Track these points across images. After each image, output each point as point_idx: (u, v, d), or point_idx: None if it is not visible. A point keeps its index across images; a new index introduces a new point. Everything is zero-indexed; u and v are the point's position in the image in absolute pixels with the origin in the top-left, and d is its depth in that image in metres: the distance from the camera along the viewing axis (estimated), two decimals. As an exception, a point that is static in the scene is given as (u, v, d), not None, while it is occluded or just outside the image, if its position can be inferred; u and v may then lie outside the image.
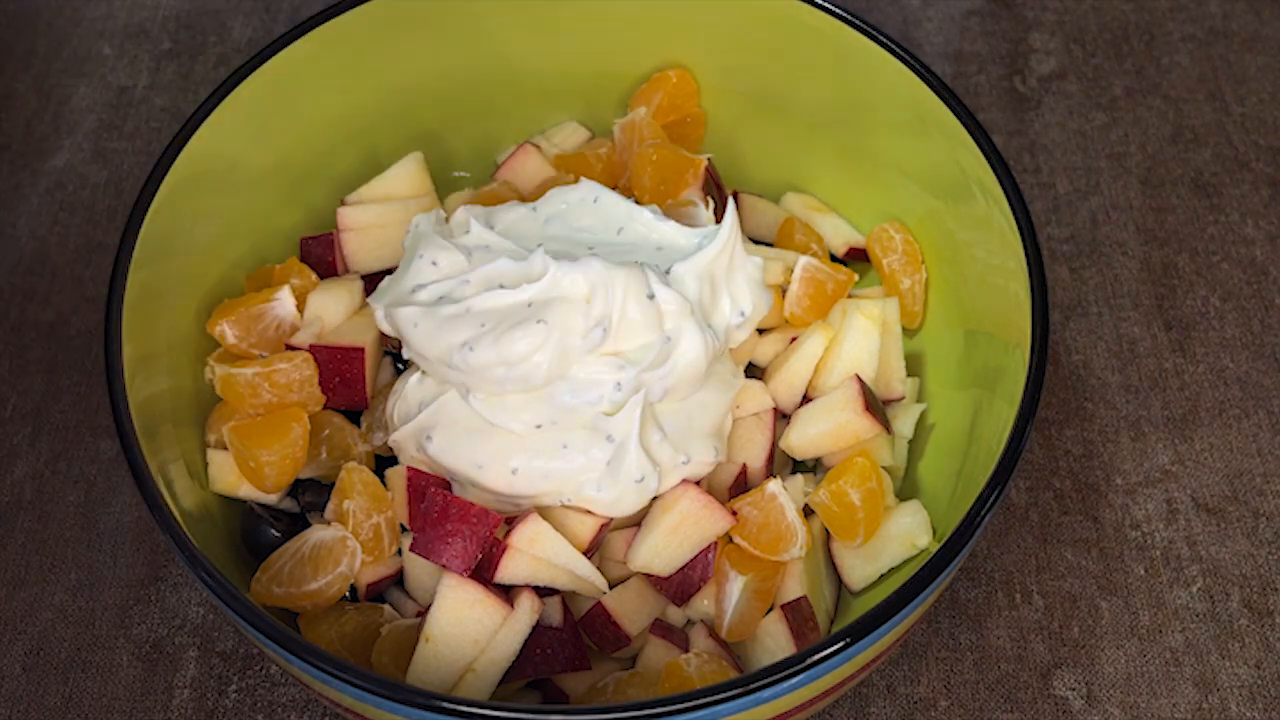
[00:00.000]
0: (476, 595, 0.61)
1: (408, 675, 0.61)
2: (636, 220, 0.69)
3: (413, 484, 0.65)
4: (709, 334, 0.64)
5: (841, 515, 0.65)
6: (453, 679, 0.60)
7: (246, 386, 0.66)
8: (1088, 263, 0.85)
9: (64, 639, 0.71)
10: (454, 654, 0.60)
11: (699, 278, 0.65)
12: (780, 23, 0.72)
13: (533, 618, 0.61)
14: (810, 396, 0.70)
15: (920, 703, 0.69)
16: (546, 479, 0.63)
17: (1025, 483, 0.77)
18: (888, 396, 0.71)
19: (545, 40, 0.77)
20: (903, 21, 0.97)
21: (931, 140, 0.69)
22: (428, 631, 0.61)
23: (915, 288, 0.73)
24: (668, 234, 0.68)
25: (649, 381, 0.64)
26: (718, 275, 0.66)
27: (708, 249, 0.66)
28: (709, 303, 0.66)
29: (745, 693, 0.52)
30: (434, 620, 0.61)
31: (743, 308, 0.67)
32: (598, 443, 0.63)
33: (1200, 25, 0.97)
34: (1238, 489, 0.76)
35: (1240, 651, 0.71)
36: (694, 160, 0.73)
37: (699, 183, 0.73)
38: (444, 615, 0.61)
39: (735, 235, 0.66)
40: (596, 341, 0.63)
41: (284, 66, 0.70)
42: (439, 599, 0.61)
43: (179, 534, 0.56)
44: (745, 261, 0.67)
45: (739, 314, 0.67)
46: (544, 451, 0.63)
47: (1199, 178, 0.89)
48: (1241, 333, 0.82)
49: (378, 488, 0.65)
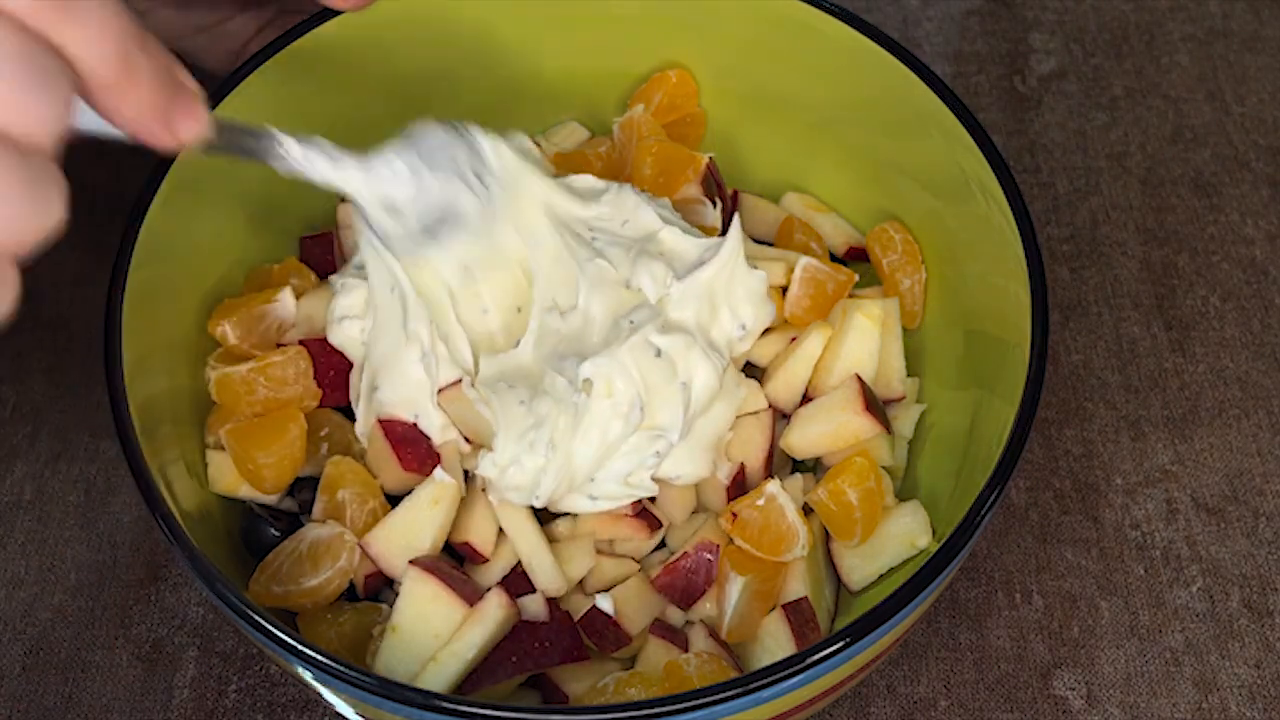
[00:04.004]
0: (437, 590, 0.61)
1: (375, 663, 0.61)
2: (644, 216, 0.68)
3: (389, 433, 0.65)
4: (715, 356, 0.64)
5: (839, 514, 0.65)
6: (416, 668, 0.61)
7: (242, 384, 0.66)
8: (1088, 263, 0.85)
9: (64, 639, 0.71)
10: (417, 645, 0.61)
11: (699, 297, 0.65)
12: (780, 23, 0.72)
13: (501, 613, 0.61)
14: (810, 396, 0.70)
15: (920, 703, 0.69)
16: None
17: (1025, 483, 0.77)
18: (888, 396, 0.71)
19: (545, 40, 0.77)
20: (903, 21, 0.97)
21: (931, 140, 0.69)
22: (394, 621, 0.61)
23: (915, 288, 0.73)
24: (673, 239, 0.67)
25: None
26: (718, 290, 0.66)
27: (710, 266, 0.65)
28: (708, 319, 0.65)
29: (745, 692, 0.52)
30: (399, 610, 0.62)
31: (743, 320, 0.67)
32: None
33: (1200, 25, 0.97)
34: (1238, 489, 0.76)
35: (1240, 651, 0.71)
36: (695, 156, 0.73)
37: (699, 179, 0.73)
38: (408, 607, 0.61)
39: (739, 251, 0.66)
40: (637, 421, 0.63)
41: (284, 65, 0.70)
42: (403, 591, 0.62)
43: (179, 534, 0.56)
44: (747, 275, 0.67)
45: (739, 327, 0.66)
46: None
47: (1199, 177, 0.89)
48: (1241, 333, 0.82)
49: (365, 474, 0.65)
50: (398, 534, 0.64)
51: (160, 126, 0.46)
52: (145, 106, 0.45)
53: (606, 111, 0.80)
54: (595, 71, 0.78)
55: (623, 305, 0.65)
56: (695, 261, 0.66)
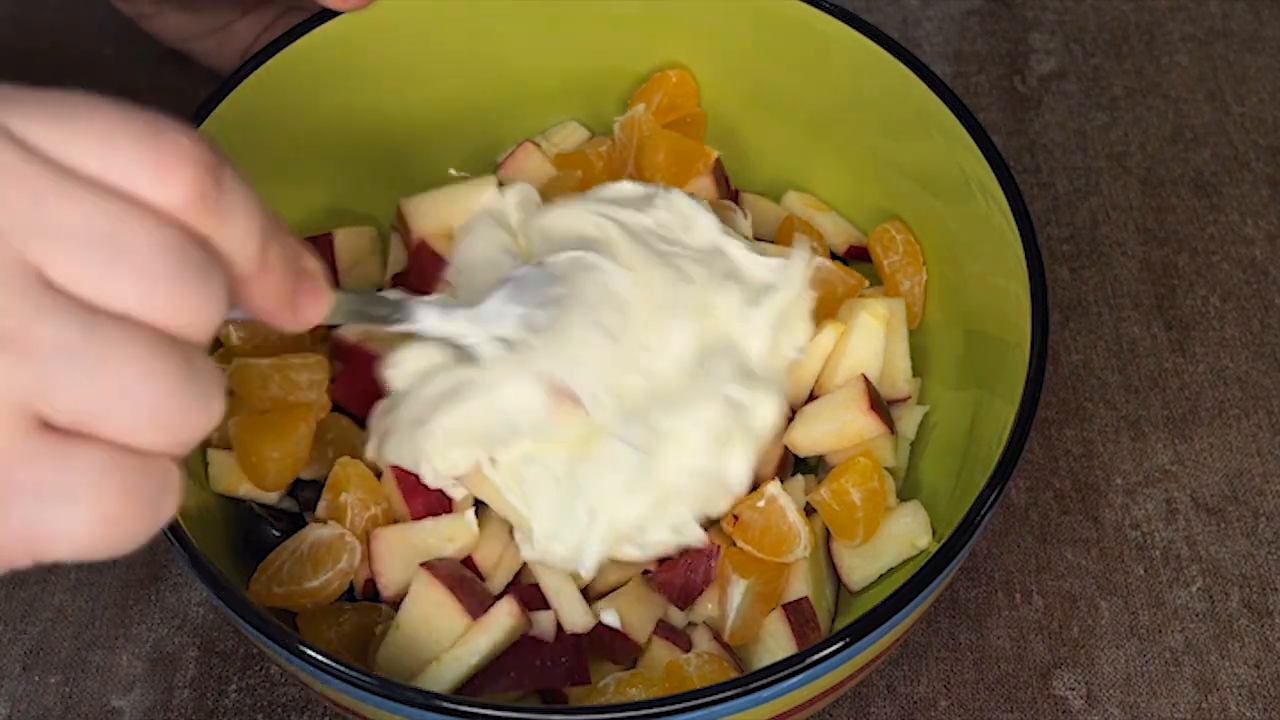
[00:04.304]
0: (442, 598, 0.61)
1: (377, 658, 0.61)
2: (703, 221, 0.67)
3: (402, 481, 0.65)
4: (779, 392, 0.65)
5: (842, 515, 0.65)
6: (417, 669, 0.61)
7: (259, 376, 0.66)
8: (1088, 263, 0.85)
9: (64, 639, 0.71)
10: (419, 646, 0.61)
11: (771, 325, 0.65)
12: (780, 23, 0.72)
13: (510, 623, 0.61)
14: (815, 395, 0.70)
15: (920, 703, 0.69)
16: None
17: (1025, 483, 0.77)
18: (893, 396, 0.71)
19: (545, 40, 0.77)
20: (903, 21, 0.97)
21: (931, 140, 0.69)
22: (398, 620, 0.62)
23: (915, 289, 0.73)
24: (740, 255, 0.66)
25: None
26: (789, 313, 0.66)
27: (782, 292, 0.65)
28: (773, 345, 0.65)
29: (745, 692, 0.52)
30: (404, 610, 0.62)
31: (798, 342, 0.67)
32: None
33: (1200, 25, 0.97)
34: (1238, 489, 0.76)
35: (1240, 651, 0.71)
36: (706, 150, 0.74)
37: (709, 172, 0.73)
38: (413, 609, 0.62)
39: (806, 275, 0.66)
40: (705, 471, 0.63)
41: (282, 67, 0.70)
42: (410, 592, 0.62)
43: (179, 534, 0.56)
44: (805, 296, 0.67)
45: (795, 349, 0.67)
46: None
47: (1199, 178, 0.89)
48: (1241, 333, 0.82)
49: (372, 480, 0.65)
50: (403, 551, 0.64)
51: (288, 311, 0.46)
52: (275, 294, 0.45)
53: (607, 111, 0.80)
54: (595, 71, 0.78)
55: (704, 336, 0.64)
56: (763, 284, 0.66)
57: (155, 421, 0.39)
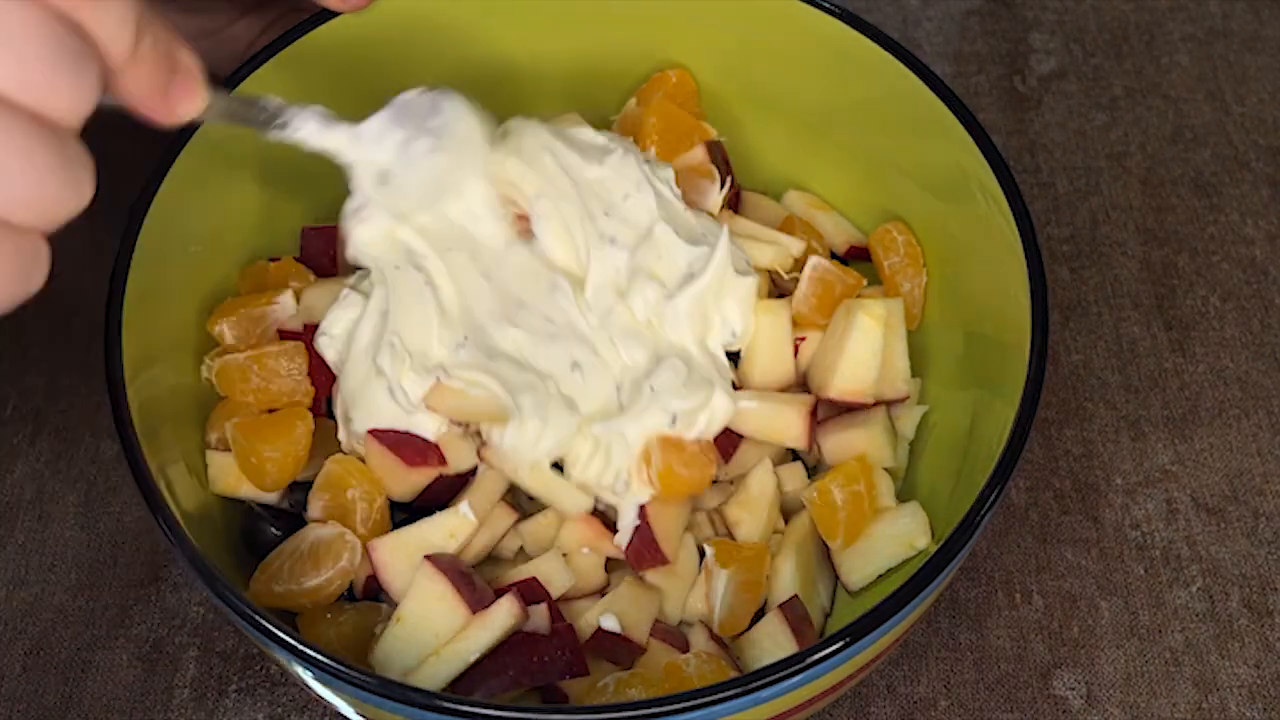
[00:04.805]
0: (444, 591, 0.61)
1: (375, 652, 0.61)
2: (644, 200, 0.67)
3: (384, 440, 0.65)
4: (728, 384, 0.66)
5: (825, 514, 0.66)
6: (415, 663, 0.61)
7: (238, 371, 0.66)
8: (1088, 263, 0.85)
9: (64, 639, 0.71)
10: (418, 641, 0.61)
11: (690, 314, 0.65)
12: (780, 23, 0.72)
13: (509, 619, 0.61)
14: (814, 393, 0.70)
15: (920, 703, 0.69)
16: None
17: (1025, 483, 0.77)
18: (892, 396, 0.71)
19: (545, 40, 0.77)
20: (903, 21, 0.97)
21: (931, 140, 0.69)
22: (399, 613, 0.62)
23: (915, 291, 0.73)
24: (667, 240, 0.66)
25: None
26: (709, 302, 0.66)
27: (698, 281, 0.65)
28: (701, 328, 0.66)
29: (744, 692, 0.52)
30: (406, 603, 0.62)
31: (734, 328, 0.67)
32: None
33: (1200, 25, 0.97)
34: (1238, 489, 0.76)
35: (1240, 651, 0.71)
36: (703, 128, 0.74)
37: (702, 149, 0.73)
38: (415, 602, 0.62)
39: (728, 264, 0.66)
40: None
41: (284, 66, 0.70)
42: (413, 585, 0.62)
43: (179, 534, 0.56)
44: (736, 283, 0.67)
45: (730, 334, 0.67)
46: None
47: (1199, 177, 0.89)
48: (1241, 333, 0.82)
49: (369, 473, 0.65)
50: (405, 550, 0.64)
51: (160, 103, 0.48)
52: (147, 84, 0.47)
53: (607, 112, 0.80)
54: (595, 71, 0.78)
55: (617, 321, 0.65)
56: (684, 274, 0.66)
57: (28, 201, 0.42)
